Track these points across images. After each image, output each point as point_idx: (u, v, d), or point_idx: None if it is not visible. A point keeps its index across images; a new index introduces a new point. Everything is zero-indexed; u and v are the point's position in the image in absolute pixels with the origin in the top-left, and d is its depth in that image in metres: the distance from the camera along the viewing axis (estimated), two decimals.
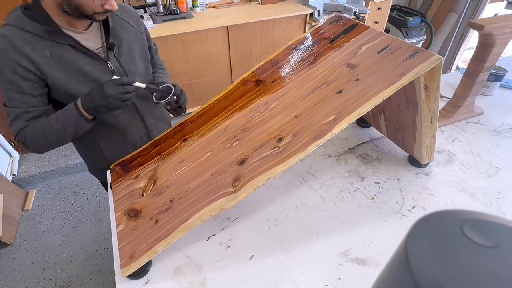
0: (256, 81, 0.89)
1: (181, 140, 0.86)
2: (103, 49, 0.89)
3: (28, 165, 2.25)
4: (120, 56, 0.91)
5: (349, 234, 0.76)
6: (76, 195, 2.14)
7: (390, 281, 0.24)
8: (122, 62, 0.91)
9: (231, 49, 2.49)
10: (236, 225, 0.79)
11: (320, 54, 0.86)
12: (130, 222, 0.73)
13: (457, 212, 0.23)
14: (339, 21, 0.92)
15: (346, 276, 0.67)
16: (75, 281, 1.65)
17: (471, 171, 0.92)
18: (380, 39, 0.79)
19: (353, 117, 0.66)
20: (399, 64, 0.69)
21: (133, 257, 0.66)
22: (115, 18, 0.91)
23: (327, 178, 0.92)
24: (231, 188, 0.68)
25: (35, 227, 1.93)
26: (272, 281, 0.66)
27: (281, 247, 0.73)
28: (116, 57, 0.90)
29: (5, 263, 1.74)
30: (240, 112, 0.83)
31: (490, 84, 1.24)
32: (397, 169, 0.94)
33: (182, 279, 0.68)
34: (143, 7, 2.49)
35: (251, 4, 2.76)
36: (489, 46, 0.93)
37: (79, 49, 0.82)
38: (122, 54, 0.92)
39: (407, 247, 0.22)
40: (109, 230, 1.84)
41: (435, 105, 0.75)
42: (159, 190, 0.76)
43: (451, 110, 1.11)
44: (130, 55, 0.94)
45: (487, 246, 0.20)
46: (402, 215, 0.80)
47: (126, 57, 0.93)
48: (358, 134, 1.09)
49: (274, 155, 0.68)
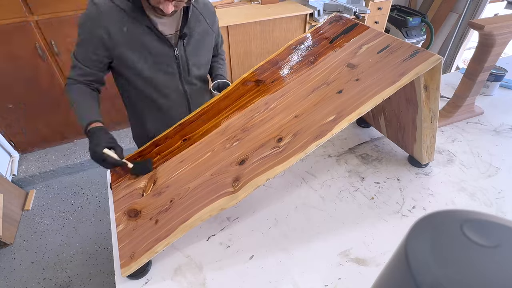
0: (256, 81, 0.89)
1: (181, 140, 0.86)
2: (175, 36, 0.96)
3: (28, 165, 2.25)
4: (188, 46, 0.98)
5: (349, 234, 0.76)
6: (76, 195, 2.14)
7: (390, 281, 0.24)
8: (187, 51, 0.98)
9: (231, 49, 2.49)
10: (236, 225, 0.79)
11: (320, 54, 0.86)
12: (130, 222, 0.73)
13: (457, 212, 0.23)
14: (339, 21, 0.92)
15: (346, 276, 0.67)
16: (75, 281, 1.65)
17: (471, 171, 0.92)
18: (380, 39, 0.79)
19: (353, 117, 0.66)
20: (399, 64, 0.69)
21: (133, 257, 0.66)
22: (194, 11, 0.97)
23: (327, 178, 0.92)
24: (231, 188, 0.68)
25: (35, 227, 1.93)
26: (272, 281, 0.66)
27: (281, 247, 0.73)
28: (184, 46, 0.97)
29: (5, 263, 1.74)
30: (240, 112, 0.83)
31: (490, 84, 1.24)
32: (397, 169, 0.94)
33: (182, 279, 0.68)
34: None
35: (251, 4, 2.76)
36: (489, 46, 0.93)
37: (153, 31, 0.89)
38: (190, 45, 0.98)
39: (407, 247, 0.22)
40: (109, 230, 1.84)
41: (435, 105, 0.75)
42: (159, 190, 0.76)
43: (451, 110, 1.11)
44: (197, 47, 1.01)
45: (487, 246, 0.20)
46: (402, 215, 0.80)
47: (192, 48, 0.99)
48: (358, 134, 1.09)
49: (274, 155, 0.68)
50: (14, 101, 2.02)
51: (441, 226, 0.22)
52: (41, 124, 2.21)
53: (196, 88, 1.09)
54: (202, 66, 1.07)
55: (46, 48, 1.92)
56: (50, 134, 2.28)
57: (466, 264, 0.19)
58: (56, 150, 2.34)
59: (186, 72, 1.02)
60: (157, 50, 0.92)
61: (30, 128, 2.20)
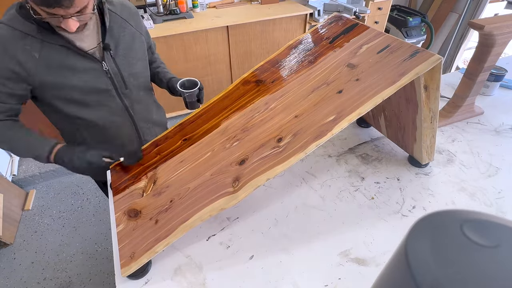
0: (256, 81, 0.89)
1: (181, 140, 0.86)
2: (98, 49, 0.87)
3: (28, 165, 2.25)
4: (117, 57, 0.90)
5: (349, 234, 0.76)
6: (76, 195, 2.14)
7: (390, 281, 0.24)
8: (118, 62, 0.90)
9: (231, 49, 2.49)
10: (236, 225, 0.79)
11: (320, 54, 0.86)
12: (130, 222, 0.73)
13: (457, 212, 0.23)
14: (339, 21, 0.92)
15: (346, 276, 0.67)
16: (75, 281, 1.65)
17: (471, 171, 0.92)
18: (380, 39, 0.79)
19: (353, 117, 0.66)
20: (399, 64, 0.69)
21: (133, 257, 0.66)
22: (114, 17, 0.89)
23: (327, 178, 0.92)
24: (231, 188, 0.68)
25: (35, 227, 1.93)
26: (272, 281, 0.66)
27: (281, 247, 0.73)
28: (112, 57, 0.89)
29: (5, 263, 1.74)
30: (240, 112, 0.83)
31: (490, 84, 1.24)
32: (397, 169, 0.94)
33: (182, 279, 0.68)
34: (143, 7, 2.49)
35: (251, 4, 2.76)
36: (489, 46, 0.93)
37: (71, 49, 0.81)
38: (119, 55, 0.90)
39: (407, 247, 0.22)
40: (109, 230, 1.84)
41: (435, 105, 0.75)
42: (159, 190, 0.76)
43: (451, 110, 1.11)
44: (128, 55, 0.93)
45: (487, 246, 0.20)
46: (402, 215, 0.80)
47: (123, 58, 0.91)
48: (358, 134, 1.09)
49: (274, 155, 0.68)
50: None
51: (441, 226, 0.22)
52: (41, 124, 2.21)
53: (139, 101, 1.01)
54: (139, 75, 0.98)
55: None
56: (50, 134, 2.28)
57: (466, 264, 0.19)
58: None
59: (123, 85, 0.93)
60: (82, 68, 0.84)
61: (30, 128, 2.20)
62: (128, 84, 0.94)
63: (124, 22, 0.92)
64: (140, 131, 1.06)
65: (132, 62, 0.95)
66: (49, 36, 0.78)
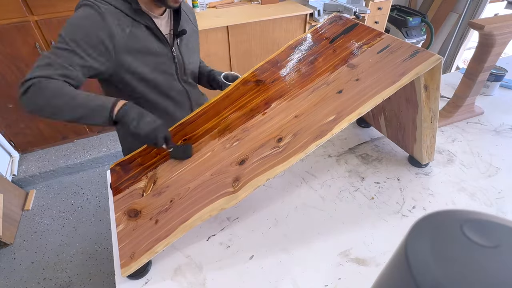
0: (256, 81, 0.89)
1: (181, 140, 0.86)
2: (170, 36, 0.96)
3: (28, 165, 2.25)
4: (181, 45, 0.98)
5: (349, 234, 0.76)
6: (76, 195, 2.14)
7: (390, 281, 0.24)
8: (182, 50, 0.99)
9: (231, 49, 2.49)
10: (236, 225, 0.79)
11: (320, 54, 0.86)
12: (130, 222, 0.73)
13: (457, 212, 0.23)
14: (339, 21, 0.92)
15: (346, 276, 0.67)
16: (75, 281, 1.65)
17: (471, 171, 0.92)
18: (380, 39, 0.79)
19: (353, 117, 0.66)
20: (399, 64, 0.69)
21: (133, 257, 0.66)
22: (182, 11, 0.97)
23: (327, 178, 0.92)
24: (231, 188, 0.68)
25: (35, 227, 1.93)
26: (272, 281, 0.66)
27: (281, 247, 0.73)
28: (178, 45, 0.97)
29: (5, 263, 1.74)
30: (240, 112, 0.83)
31: (490, 84, 1.24)
32: (397, 169, 0.94)
33: (182, 279, 0.68)
34: None
35: (251, 4, 2.76)
36: (489, 46, 0.93)
37: (153, 31, 0.88)
38: (183, 44, 0.99)
39: (407, 247, 0.22)
40: (109, 230, 1.84)
41: (435, 105, 0.75)
42: (159, 190, 0.76)
43: (451, 110, 1.11)
44: (189, 46, 1.02)
45: (487, 246, 0.20)
46: (402, 215, 0.80)
47: (185, 47, 1.00)
48: (358, 134, 1.09)
49: (274, 155, 0.68)
50: (14, 101, 2.03)
51: (441, 226, 0.22)
52: (41, 124, 2.21)
53: (193, 87, 1.10)
54: (195, 64, 1.08)
55: (46, 48, 1.92)
56: (50, 134, 2.28)
57: (466, 264, 0.19)
58: (56, 150, 2.34)
59: (183, 71, 1.02)
60: (158, 51, 0.91)
61: (30, 128, 2.20)
62: (187, 71, 1.03)
63: (187, 17, 1.02)
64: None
65: (191, 52, 1.04)
66: (138, 15, 0.85)
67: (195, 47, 1.07)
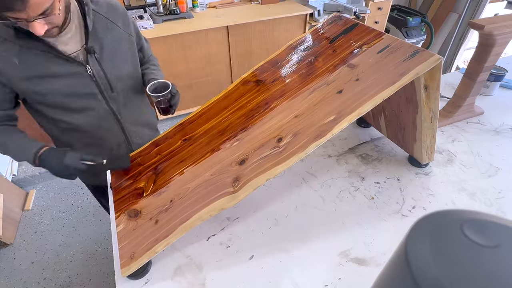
0: (256, 81, 0.89)
1: (181, 140, 0.86)
2: (82, 52, 0.85)
3: (28, 165, 2.25)
4: (102, 59, 0.87)
5: (349, 234, 0.76)
6: (76, 195, 2.14)
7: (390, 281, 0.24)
8: (104, 65, 0.88)
9: (231, 49, 2.49)
10: (236, 225, 0.79)
11: (320, 54, 0.86)
12: (130, 222, 0.73)
13: (457, 212, 0.23)
14: (339, 21, 0.92)
15: (346, 276, 0.67)
16: (75, 281, 1.65)
17: (471, 171, 0.92)
18: (380, 39, 0.79)
19: (353, 117, 0.66)
20: (399, 64, 0.69)
21: (133, 257, 0.66)
22: (98, 18, 0.86)
23: (327, 178, 0.92)
24: (231, 188, 0.68)
25: (35, 227, 1.93)
26: (272, 281, 0.66)
27: (281, 247, 0.73)
28: (97, 60, 0.86)
29: (5, 263, 1.74)
30: (240, 112, 0.83)
31: (490, 84, 1.24)
32: (397, 169, 0.94)
33: (182, 279, 0.68)
34: (143, 7, 2.49)
35: (251, 4, 2.76)
36: (489, 46, 0.93)
37: (52, 54, 0.79)
38: (105, 57, 0.88)
39: (407, 247, 0.22)
40: (109, 230, 1.84)
41: (435, 105, 0.75)
42: (159, 190, 0.76)
43: (451, 110, 1.11)
44: (115, 57, 0.91)
45: (487, 246, 0.20)
46: (402, 215, 0.80)
47: (109, 60, 0.89)
48: (358, 134, 1.09)
49: (274, 155, 0.68)
50: None
51: (441, 226, 0.22)
52: None
53: (125, 104, 0.98)
54: (125, 77, 0.95)
55: None
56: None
57: (466, 264, 0.19)
58: None
59: (109, 89, 0.91)
60: (65, 73, 0.82)
61: (30, 128, 2.20)
62: (115, 88, 0.92)
63: (111, 23, 0.89)
64: (128, 134, 1.04)
65: (119, 64, 0.92)
66: (28, 41, 0.75)
67: (126, 57, 0.94)
